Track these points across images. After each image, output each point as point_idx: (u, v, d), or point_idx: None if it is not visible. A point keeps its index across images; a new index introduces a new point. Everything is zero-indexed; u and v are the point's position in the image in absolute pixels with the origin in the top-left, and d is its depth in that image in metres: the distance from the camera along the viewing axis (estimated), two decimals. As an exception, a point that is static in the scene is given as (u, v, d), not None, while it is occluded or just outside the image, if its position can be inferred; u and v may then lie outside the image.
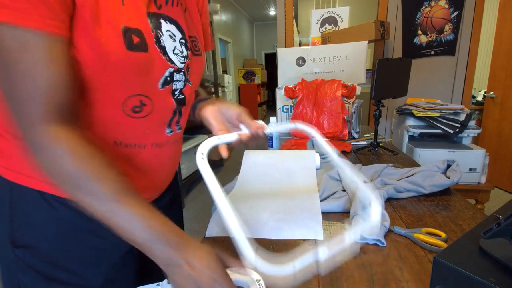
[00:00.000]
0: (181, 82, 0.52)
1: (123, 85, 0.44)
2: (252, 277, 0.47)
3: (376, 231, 0.57)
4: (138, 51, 0.43)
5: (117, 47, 0.40)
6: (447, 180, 0.76)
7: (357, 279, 0.49)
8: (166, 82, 0.49)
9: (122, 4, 0.41)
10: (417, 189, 0.77)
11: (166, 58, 0.48)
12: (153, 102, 0.48)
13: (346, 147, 1.25)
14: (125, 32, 0.41)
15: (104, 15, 0.39)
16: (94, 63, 0.40)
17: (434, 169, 0.83)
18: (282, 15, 2.28)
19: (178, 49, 0.50)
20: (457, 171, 0.78)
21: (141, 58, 0.43)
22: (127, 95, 0.45)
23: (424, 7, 2.06)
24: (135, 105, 0.46)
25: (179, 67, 0.51)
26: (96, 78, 0.42)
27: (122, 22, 0.41)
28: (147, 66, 0.45)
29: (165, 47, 0.48)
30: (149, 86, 0.47)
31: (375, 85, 1.13)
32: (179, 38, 0.51)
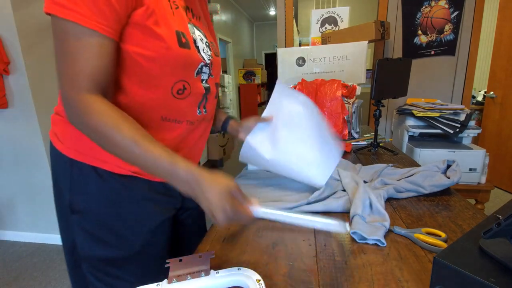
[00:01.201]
0: (207, 74, 0.66)
1: (174, 73, 0.58)
2: (253, 278, 0.47)
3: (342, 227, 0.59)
4: (185, 48, 0.57)
5: (173, 44, 0.54)
6: (447, 180, 0.77)
7: (357, 279, 0.49)
8: (198, 72, 0.63)
9: (173, 14, 0.56)
10: (417, 189, 0.77)
11: (199, 55, 0.62)
12: (191, 87, 0.62)
13: (346, 147, 1.25)
14: (177, 34, 0.55)
15: (162, 21, 0.53)
16: (158, 56, 0.54)
17: (434, 169, 0.83)
18: (282, 15, 2.28)
19: (206, 49, 0.65)
20: (457, 171, 0.79)
21: (187, 53, 0.57)
22: (175, 81, 0.59)
23: (424, 7, 2.05)
24: (179, 89, 0.60)
25: (207, 62, 0.65)
26: (156, 68, 0.55)
27: (175, 27, 0.55)
28: (189, 59, 0.59)
29: (199, 47, 0.62)
30: (189, 74, 0.61)
31: (375, 85, 1.13)
32: (205, 41, 0.66)
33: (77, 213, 0.60)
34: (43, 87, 1.96)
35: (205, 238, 0.65)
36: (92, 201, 0.60)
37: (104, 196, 0.60)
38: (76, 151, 0.59)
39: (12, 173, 2.08)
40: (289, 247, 0.59)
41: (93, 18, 0.46)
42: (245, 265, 0.54)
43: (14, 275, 1.85)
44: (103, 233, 0.61)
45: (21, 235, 2.22)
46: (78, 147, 0.59)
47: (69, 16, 0.45)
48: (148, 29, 0.52)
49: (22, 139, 1.97)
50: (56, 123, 0.63)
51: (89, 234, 0.61)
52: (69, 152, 0.60)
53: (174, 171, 0.50)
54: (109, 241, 0.61)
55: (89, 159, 0.59)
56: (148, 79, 0.56)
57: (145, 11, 0.51)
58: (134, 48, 0.53)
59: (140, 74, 0.55)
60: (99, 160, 0.59)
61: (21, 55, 1.81)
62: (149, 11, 0.51)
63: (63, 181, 0.61)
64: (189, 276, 0.47)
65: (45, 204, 2.09)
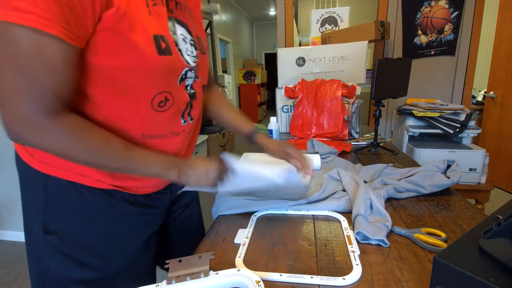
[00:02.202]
0: (192, 78, 0.60)
1: (154, 84, 0.51)
2: (252, 279, 0.47)
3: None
4: (166, 55, 0.49)
5: (151, 52, 0.47)
6: (447, 180, 0.77)
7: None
8: (181, 79, 0.57)
9: (149, 14, 0.47)
10: (417, 189, 0.77)
11: (183, 59, 0.55)
12: (173, 97, 0.56)
13: (346, 147, 1.24)
14: (155, 39, 0.47)
15: (138, 24, 0.45)
16: (133, 67, 0.47)
17: (434, 169, 0.83)
18: (282, 15, 2.28)
19: (190, 50, 0.57)
20: (457, 171, 0.79)
21: (168, 60, 0.50)
22: (155, 93, 0.52)
23: (424, 7, 2.05)
24: (160, 101, 0.53)
25: (192, 66, 0.58)
26: (133, 80, 0.48)
27: (152, 30, 0.47)
28: (172, 67, 0.52)
29: (181, 49, 0.55)
30: (171, 83, 0.54)
31: (375, 85, 1.13)
32: (189, 39, 0.58)
33: (52, 234, 0.54)
34: (43, 87, 1.96)
35: (205, 238, 0.65)
36: (70, 222, 0.55)
37: (84, 215, 0.55)
38: (50, 165, 0.53)
39: (12, 173, 2.07)
40: (289, 247, 0.59)
41: (57, 23, 0.38)
42: (245, 265, 0.54)
43: (14, 275, 1.84)
44: (83, 256, 0.56)
45: (21, 235, 2.22)
46: (52, 161, 0.52)
47: (29, 22, 0.36)
48: (120, 35, 0.43)
49: (22, 139, 1.97)
50: None
51: (67, 257, 0.55)
52: (42, 167, 0.53)
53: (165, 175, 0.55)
54: (90, 264, 0.56)
55: (66, 173, 0.53)
56: (124, 92, 0.49)
57: (115, 13, 0.42)
58: (104, 60, 0.45)
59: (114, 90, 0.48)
60: (77, 175, 0.53)
61: (21, 55, 1.81)
62: (120, 12, 0.42)
63: (35, 199, 0.55)
64: (188, 277, 0.47)
65: (45, 204, 2.09)
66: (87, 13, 0.40)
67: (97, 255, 0.57)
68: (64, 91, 0.43)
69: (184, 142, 0.63)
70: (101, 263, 0.57)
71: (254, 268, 0.52)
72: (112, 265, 0.58)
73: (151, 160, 0.53)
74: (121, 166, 0.50)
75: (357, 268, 0.51)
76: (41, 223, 0.54)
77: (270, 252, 0.58)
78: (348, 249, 0.57)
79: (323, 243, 0.60)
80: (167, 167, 0.54)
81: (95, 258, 0.57)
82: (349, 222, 0.67)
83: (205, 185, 0.57)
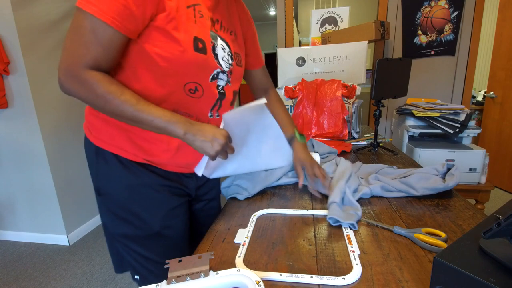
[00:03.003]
0: (224, 81, 0.71)
1: (186, 74, 0.63)
2: (252, 279, 0.47)
3: None
4: (200, 53, 0.62)
5: (189, 48, 0.60)
6: (442, 184, 0.74)
7: (357, 279, 0.49)
8: (213, 78, 0.68)
9: (195, 22, 0.62)
10: (408, 190, 0.77)
11: (217, 61, 0.67)
12: (203, 90, 0.67)
13: (346, 147, 1.24)
14: (195, 39, 0.61)
15: (182, 27, 0.59)
16: (174, 57, 0.59)
17: (432, 172, 0.82)
18: (282, 15, 2.28)
19: (226, 58, 0.70)
20: (455, 175, 0.77)
21: (202, 58, 0.63)
22: (187, 81, 0.64)
23: (424, 7, 2.05)
24: (190, 88, 0.65)
25: (224, 70, 0.70)
26: (172, 68, 0.60)
27: (194, 33, 0.61)
28: (204, 64, 0.64)
29: (218, 54, 0.67)
30: (202, 78, 0.66)
31: (375, 85, 1.13)
32: (228, 51, 0.70)
33: (102, 195, 0.70)
34: (43, 87, 1.96)
35: (205, 238, 0.65)
36: (114, 186, 0.68)
37: (124, 181, 0.68)
38: (101, 140, 0.67)
39: (12, 173, 2.08)
40: (289, 247, 0.59)
41: (109, 14, 0.52)
42: (245, 265, 0.54)
43: (14, 275, 1.85)
44: (124, 214, 0.69)
45: (21, 235, 2.22)
46: (104, 136, 0.67)
47: (90, 10, 0.52)
48: (167, 32, 0.58)
49: (22, 139, 1.97)
50: (87, 116, 0.70)
51: (113, 214, 0.69)
52: (95, 141, 0.68)
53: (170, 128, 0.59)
54: (130, 221, 0.69)
55: (111, 147, 0.67)
56: (163, 77, 0.61)
57: (166, 17, 0.57)
58: (153, 48, 0.58)
59: (156, 71, 0.60)
60: (119, 148, 0.67)
61: (21, 55, 1.81)
62: (170, 17, 0.57)
63: (91, 167, 0.70)
64: (188, 277, 0.47)
65: (45, 204, 2.09)
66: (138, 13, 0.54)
67: (134, 215, 0.69)
68: (102, 62, 0.55)
69: None
70: (139, 222, 0.69)
71: (254, 268, 0.52)
72: (147, 225, 0.69)
73: (159, 112, 0.58)
74: (132, 116, 0.57)
75: (357, 268, 0.51)
76: (95, 185, 0.71)
77: (270, 252, 0.58)
78: (348, 248, 0.57)
79: (323, 243, 0.60)
80: (173, 121, 0.58)
81: (133, 217, 0.69)
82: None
83: (209, 151, 0.60)
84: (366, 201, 0.78)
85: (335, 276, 0.49)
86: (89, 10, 0.52)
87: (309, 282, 0.48)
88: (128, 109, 0.56)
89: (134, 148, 0.67)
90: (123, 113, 0.57)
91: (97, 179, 0.70)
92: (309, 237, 0.62)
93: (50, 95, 2.01)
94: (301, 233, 0.64)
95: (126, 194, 0.68)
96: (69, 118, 2.15)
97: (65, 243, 2.16)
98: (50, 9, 1.98)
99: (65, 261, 1.96)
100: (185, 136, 0.59)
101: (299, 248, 0.59)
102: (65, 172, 2.12)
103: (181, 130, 0.59)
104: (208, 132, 0.60)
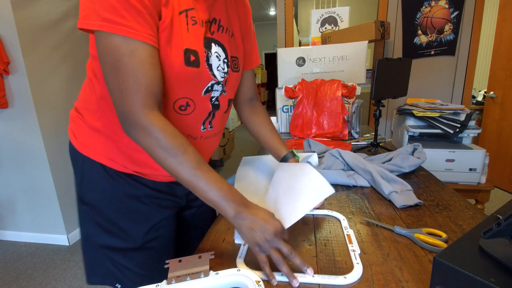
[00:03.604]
0: (218, 91, 0.65)
1: (176, 90, 0.57)
2: (252, 279, 0.47)
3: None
4: (192, 67, 0.56)
5: (179, 62, 0.54)
6: (418, 160, 0.94)
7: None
8: (207, 91, 0.62)
9: (187, 31, 0.55)
10: (399, 169, 0.92)
11: (211, 73, 0.61)
12: (195, 104, 0.62)
13: (346, 147, 1.24)
14: (185, 52, 0.54)
15: (174, 39, 0.53)
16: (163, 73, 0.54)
17: (405, 152, 1.00)
18: (282, 15, 2.28)
19: (221, 67, 0.64)
20: (422, 152, 0.98)
21: (194, 72, 0.57)
22: (178, 97, 0.59)
23: (424, 7, 2.05)
24: (181, 105, 0.60)
25: (219, 81, 0.64)
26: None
27: (185, 45, 0.54)
28: (197, 78, 0.58)
29: (212, 64, 0.61)
30: (195, 92, 0.60)
31: (375, 85, 1.13)
32: (223, 58, 0.64)
33: (86, 204, 0.65)
34: (43, 87, 1.96)
35: (205, 238, 0.65)
36: (99, 196, 0.64)
37: (110, 193, 0.64)
38: (88, 148, 0.64)
39: (12, 173, 2.08)
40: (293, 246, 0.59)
41: (141, 30, 0.47)
42: (246, 264, 0.53)
43: (14, 275, 1.85)
44: (108, 225, 0.65)
45: (21, 235, 2.22)
46: (90, 145, 0.63)
47: (119, 31, 0.46)
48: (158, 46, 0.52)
49: (22, 139, 1.97)
50: (74, 120, 0.66)
51: (97, 224, 0.65)
52: (81, 149, 0.64)
53: (222, 205, 0.52)
54: (114, 232, 0.65)
55: (98, 157, 0.63)
56: None
57: (161, 24, 0.51)
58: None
59: None
60: (107, 159, 0.63)
61: (21, 55, 1.81)
62: (163, 26, 0.51)
63: (76, 174, 0.67)
64: (188, 277, 0.47)
65: (45, 204, 2.09)
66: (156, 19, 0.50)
67: (119, 227, 0.65)
68: (154, 86, 0.51)
69: (201, 147, 0.68)
70: (123, 234, 0.65)
71: (255, 268, 0.52)
72: (132, 238, 0.66)
73: (216, 184, 0.52)
74: (188, 180, 0.52)
75: (358, 267, 0.51)
76: (78, 194, 0.66)
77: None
78: (348, 248, 0.57)
79: (323, 243, 0.60)
80: (227, 199, 0.52)
81: (118, 229, 0.65)
82: (348, 221, 0.67)
83: (251, 241, 0.51)
84: (366, 201, 0.78)
85: (336, 275, 0.49)
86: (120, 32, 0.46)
87: (310, 281, 0.48)
88: (186, 171, 0.51)
89: (123, 158, 0.63)
90: (180, 173, 0.52)
91: (82, 188, 0.66)
92: (309, 237, 0.62)
93: (50, 95, 2.01)
94: (301, 233, 0.64)
95: (112, 206, 0.64)
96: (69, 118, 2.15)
97: (65, 243, 2.16)
98: (50, 9, 1.98)
99: (65, 261, 1.96)
100: (234, 218, 0.52)
101: (299, 248, 0.59)
102: (65, 172, 2.12)
103: (232, 212, 0.52)
104: (259, 217, 0.51)
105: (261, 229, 0.50)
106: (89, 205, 0.65)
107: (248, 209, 0.53)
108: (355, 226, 0.66)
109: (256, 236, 0.50)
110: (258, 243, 0.50)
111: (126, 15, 0.46)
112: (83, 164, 0.64)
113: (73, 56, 2.17)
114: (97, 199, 0.65)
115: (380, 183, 0.81)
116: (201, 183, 0.51)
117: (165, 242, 0.72)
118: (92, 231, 0.66)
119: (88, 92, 0.64)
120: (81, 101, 0.66)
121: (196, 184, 0.52)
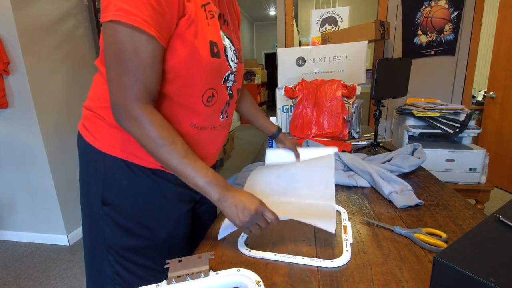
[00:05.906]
0: (231, 81, 0.69)
1: (205, 82, 0.61)
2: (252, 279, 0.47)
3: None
4: (216, 58, 0.59)
5: (206, 54, 0.57)
6: (418, 160, 0.94)
7: (357, 279, 0.49)
8: (225, 80, 0.66)
9: (208, 24, 0.58)
10: (399, 169, 0.93)
11: (227, 63, 0.64)
12: (218, 94, 0.65)
13: (346, 147, 1.24)
14: (210, 44, 0.58)
15: (200, 32, 0.56)
16: (192, 66, 0.56)
17: (405, 152, 1.00)
18: (282, 15, 2.28)
19: (233, 58, 0.67)
20: (422, 152, 0.98)
21: (217, 62, 0.60)
22: (206, 89, 0.61)
23: (424, 7, 2.05)
24: (209, 96, 0.63)
25: (233, 70, 0.68)
26: (191, 77, 0.58)
27: (209, 37, 0.58)
28: (219, 68, 0.62)
29: (228, 55, 0.64)
30: (217, 82, 0.64)
31: (375, 85, 1.13)
32: (233, 49, 0.68)
33: (108, 205, 0.64)
34: (43, 87, 1.96)
35: (205, 238, 0.65)
36: (124, 195, 0.64)
37: (135, 191, 0.64)
38: (110, 146, 0.63)
39: (12, 173, 2.08)
40: (289, 247, 0.59)
41: (153, 24, 0.49)
42: (245, 265, 0.54)
43: (14, 275, 1.84)
44: (132, 225, 0.65)
45: (21, 235, 2.22)
46: (112, 142, 0.63)
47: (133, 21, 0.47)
48: (186, 40, 0.54)
49: (22, 139, 1.97)
50: (90, 120, 0.65)
51: (119, 226, 0.64)
52: (101, 147, 0.63)
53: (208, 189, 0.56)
54: (138, 233, 0.65)
55: (120, 153, 0.63)
56: (183, 88, 0.59)
57: (186, 20, 0.53)
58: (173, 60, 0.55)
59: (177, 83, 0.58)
60: (129, 154, 0.63)
61: (21, 55, 1.81)
62: (189, 20, 0.54)
63: (94, 174, 0.65)
64: (188, 277, 0.47)
65: (45, 204, 2.09)
66: (173, 20, 0.52)
67: (143, 226, 0.65)
68: (150, 84, 0.53)
69: (219, 135, 0.72)
70: (146, 233, 0.66)
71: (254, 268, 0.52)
72: (154, 236, 0.67)
73: (201, 171, 0.55)
74: (176, 167, 0.55)
75: (347, 253, 0.54)
76: (100, 195, 0.64)
77: (271, 252, 0.58)
78: (342, 238, 0.60)
79: (323, 243, 0.60)
80: (212, 184, 0.55)
81: (141, 228, 0.65)
82: (349, 215, 0.67)
83: (235, 219, 0.56)
84: (366, 201, 0.78)
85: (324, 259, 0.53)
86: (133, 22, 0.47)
87: (300, 262, 0.54)
88: (174, 159, 0.54)
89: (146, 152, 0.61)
90: (168, 162, 0.54)
91: (104, 188, 0.64)
92: (309, 237, 0.62)
93: (50, 95, 2.01)
94: (301, 233, 0.64)
95: (138, 205, 0.64)
96: (69, 118, 2.15)
97: (65, 243, 2.16)
98: (50, 9, 1.98)
99: (65, 261, 1.96)
100: (219, 201, 0.56)
101: (299, 248, 0.59)
102: (65, 172, 2.12)
103: (216, 195, 0.56)
104: (240, 200, 0.56)
105: (243, 208, 0.55)
106: (112, 206, 0.64)
107: (230, 192, 0.57)
108: (355, 226, 0.66)
109: (240, 214, 0.55)
110: (241, 220, 0.55)
111: (141, 7, 0.47)
112: (104, 163, 0.63)
113: (73, 56, 2.17)
114: (122, 198, 0.64)
115: (380, 183, 0.81)
116: (188, 170, 0.55)
117: (184, 237, 0.74)
118: (113, 234, 0.65)
119: (104, 89, 0.61)
120: (95, 100, 0.65)
121: (184, 171, 0.55)
